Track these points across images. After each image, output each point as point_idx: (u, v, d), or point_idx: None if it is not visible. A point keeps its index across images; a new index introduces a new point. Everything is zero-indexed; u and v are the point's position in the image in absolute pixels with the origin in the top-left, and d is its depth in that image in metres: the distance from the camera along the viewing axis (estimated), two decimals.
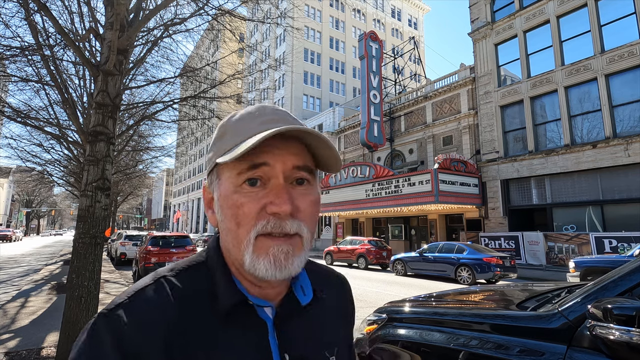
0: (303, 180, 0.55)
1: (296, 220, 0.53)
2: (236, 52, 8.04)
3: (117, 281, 10.63)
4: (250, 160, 0.52)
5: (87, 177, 3.79)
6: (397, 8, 50.55)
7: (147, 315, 0.50)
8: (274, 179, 0.53)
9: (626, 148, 13.96)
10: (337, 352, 0.62)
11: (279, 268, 0.51)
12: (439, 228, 20.89)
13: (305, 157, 0.55)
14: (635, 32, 14.30)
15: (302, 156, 0.55)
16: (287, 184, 0.54)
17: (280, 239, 0.52)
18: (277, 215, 0.52)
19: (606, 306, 1.38)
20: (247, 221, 0.52)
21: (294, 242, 0.53)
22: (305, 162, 0.55)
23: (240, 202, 0.52)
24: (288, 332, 0.57)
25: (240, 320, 0.54)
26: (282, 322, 0.57)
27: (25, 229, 69.59)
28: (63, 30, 4.12)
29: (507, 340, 1.76)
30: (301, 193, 0.55)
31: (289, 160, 0.53)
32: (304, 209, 0.54)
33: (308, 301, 0.60)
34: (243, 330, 0.54)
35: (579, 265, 9.04)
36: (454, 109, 20.93)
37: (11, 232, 40.34)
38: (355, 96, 41.09)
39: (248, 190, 0.53)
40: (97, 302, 3.84)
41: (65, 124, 9.82)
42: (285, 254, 0.52)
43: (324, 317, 0.64)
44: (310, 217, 0.55)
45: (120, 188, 26.14)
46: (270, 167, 0.53)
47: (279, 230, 0.52)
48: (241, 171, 0.53)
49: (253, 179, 0.53)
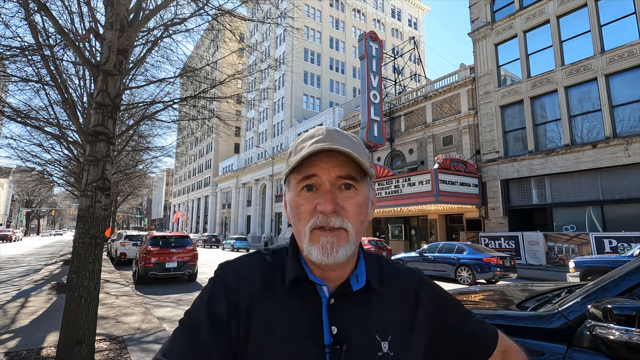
0: (350, 186, 0.69)
1: (339, 217, 0.67)
2: (236, 52, 8.04)
3: (117, 281, 10.63)
4: (305, 172, 0.68)
5: (87, 177, 3.79)
6: (397, 8, 50.54)
7: (244, 272, 0.71)
8: (323, 185, 0.68)
9: (626, 148, 13.97)
10: (391, 340, 0.70)
11: (326, 254, 0.65)
12: (439, 228, 20.89)
13: (349, 168, 0.68)
14: (635, 32, 14.30)
15: (346, 167, 0.68)
16: (335, 189, 0.68)
17: (328, 232, 0.66)
18: (323, 213, 0.66)
19: (606, 306, 1.38)
20: (304, 217, 0.68)
21: (339, 234, 0.66)
22: (348, 172, 0.68)
23: (299, 203, 0.69)
24: (339, 310, 0.69)
25: (301, 292, 0.69)
26: (336, 301, 0.69)
27: (25, 229, 69.58)
28: (63, 30, 4.12)
29: None
30: (346, 196, 0.68)
31: (333, 172, 0.68)
32: (348, 209, 0.68)
33: (359, 287, 0.71)
34: (302, 300, 0.69)
35: (579, 265, 9.04)
36: (454, 109, 20.93)
37: (11, 232, 40.32)
38: (355, 96, 41.09)
39: (305, 194, 0.69)
40: (97, 302, 3.83)
41: (65, 124, 9.82)
42: (331, 243, 0.66)
43: (380, 306, 0.73)
44: (354, 216, 0.68)
45: (120, 188, 26.14)
46: (318, 177, 0.68)
47: (326, 224, 0.66)
48: (299, 181, 0.69)
49: (309, 186, 0.69)
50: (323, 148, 0.66)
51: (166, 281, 11.25)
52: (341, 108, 32.66)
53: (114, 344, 4.77)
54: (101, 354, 4.37)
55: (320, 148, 0.66)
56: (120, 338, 5.05)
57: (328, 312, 0.68)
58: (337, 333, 0.66)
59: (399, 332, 0.72)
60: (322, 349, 0.65)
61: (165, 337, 5.18)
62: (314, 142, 0.69)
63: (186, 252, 11.16)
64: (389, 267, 0.80)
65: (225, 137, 39.20)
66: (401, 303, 0.75)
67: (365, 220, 0.72)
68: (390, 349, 0.69)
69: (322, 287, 0.70)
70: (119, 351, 4.51)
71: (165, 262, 10.68)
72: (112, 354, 4.39)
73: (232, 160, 50.95)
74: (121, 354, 4.42)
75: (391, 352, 0.69)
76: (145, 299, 8.43)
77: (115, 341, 4.91)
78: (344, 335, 0.67)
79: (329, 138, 0.70)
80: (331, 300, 0.69)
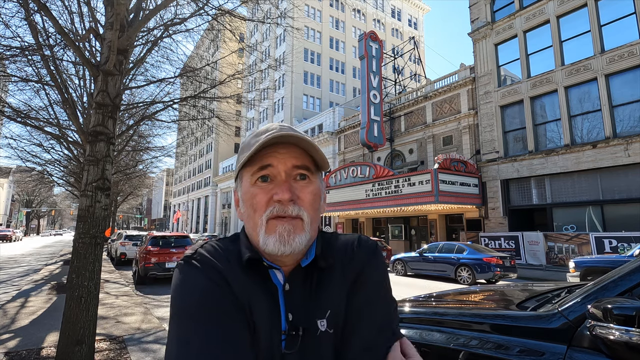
0: (304, 176, 0.71)
1: (296, 205, 0.68)
2: (236, 52, 8.04)
3: (117, 281, 10.63)
4: (260, 163, 0.69)
5: (87, 177, 3.79)
6: (397, 8, 50.53)
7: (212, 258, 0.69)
8: (278, 175, 0.69)
9: (626, 148, 13.96)
10: (330, 315, 0.69)
11: (284, 243, 0.66)
12: (439, 228, 20.88)
13: (303, 159, 0.70)
14: (635, 32, 14.30)
15: (301, 158, 0.70)
16: (290, 179, 0.70)
17: (284, 220, 0.67)
18: (280, 202, 0.67)
19: (606, 306, 1.38)
20: (260, 207, 0.68)
21: (295, 223, 0.67)
22: (304, 162, 0.70)
23: (254, 193, 0.69)
24: (292, 296, 0.69)
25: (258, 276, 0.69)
26: (290, 286, 0.70)
27: (25, 229, 69.56)
28: (63, 30, 4.12)
29: (507, 340, 1.75)
30: (301, 185, 0.70)
31: (289, 161, 0.69)
32: (303, 197, 0.69)
33: (307, 263, 0.71)
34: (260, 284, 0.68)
35: (579, 265, 9.04)
36: (454, 109, 20.93)
37: (11, 232, 40.30)
38: (355, 96, 41.08)
39: (260, 184, 0.70)
40: (97, 302, 3.83)
41: (65, 124, 9.82)
42: (288, 231, 0.66)
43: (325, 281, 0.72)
44: (310, 204, 0.70)
45: (120, 188, 26.14)
46: (274, 167, 0.69)
47: (283, 213, 0.67)
48: (254, 172, 0.70)
49: (264, 176, 0.69)
50: (280, 135, 0.67)
51: (166, 281, 11.25)
52: (341, 108, 32.65)
53: (114, 344, 4.77)
54: (101, 354, 4.37)
55: (277, 135, 0.67)
56: (120, 338, 5.05)
57: (284, 298, 0.68)
58: (292, 320, 0.67)
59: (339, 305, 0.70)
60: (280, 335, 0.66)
61: (165, 337, 5.18)
62: (268, 134, 0.69)
63: None
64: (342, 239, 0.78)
65: (225, 137, 39.19)
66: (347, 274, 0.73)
67: (320, 211, 0.73)
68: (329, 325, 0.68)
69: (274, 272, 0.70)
70: (119, 351, 4.51)
71: (165, 262, 10.68)
72: (112, 354, 4.39)
73: (232, 160, 50.94)
74: (121, 354, 4.41)
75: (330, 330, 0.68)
76: (145, 299, 8.42)
77: (115, 341, 4.91)
78: (297, 320, 0.67)
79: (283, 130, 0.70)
80: (286, 286, 0.69)
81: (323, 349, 0.67)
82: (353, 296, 0.71)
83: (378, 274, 0.74)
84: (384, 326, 0.70)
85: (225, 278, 0.66)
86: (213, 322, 0.62)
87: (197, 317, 0.62)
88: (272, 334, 0.65)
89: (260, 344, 0.64)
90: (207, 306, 0.63)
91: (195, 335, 0.60)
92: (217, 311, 0.63)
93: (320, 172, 0.74)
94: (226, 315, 0.62)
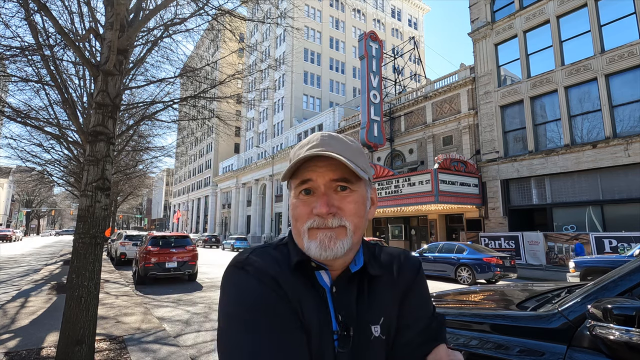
0: (345, 187, 0.72)
1: (337, 217, 0.70)
2: (236, 52, 8.04)
3: (117, 281, 10.63)
4: (301, 177, 0.72)
5: (87, 177, 3.79)
6: (397, 8, 50.53)
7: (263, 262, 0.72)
8: (318, 189, 0.72)
9: (626, 148, 13.96)
10: (383, 322, 0.74)
11: (324, 248, 0.68)
12: (439, 228, 20.88)
13: (342, 171, 0.72)
14: (635, 32, 14.30)
15: (339, 170, 0.71)
16: (330, 191, 0.72)
17: (325, 229, 0.69)
18: (319, 215, 0.69)
19: (606, 306, 1.38)
20: (302, 219, 0.71)
21: (337, 230, 0.70)
22: (342, 175, 0.72)
23: (297, 205, 0.73)
24: (341, 297, 0.72)
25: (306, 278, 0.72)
26: (337, 288, 0.73)
27: (25, 229, 69.56)
28: (63, 30, 4.12)
29: (507, 340, 1.76)
30: (342, 197, 0.72)
31: (327, 176, 0.71)
32: (344, 207, 0.71)
33: (357, 269, 0.75)
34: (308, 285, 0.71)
35: (579, 265, 9.05)
36: (454, 109, 20.93)
37: (11, 232, 40.29)
38: (355, 96, 41.08)
39: (302, 197, 0.73)
40: (97, 302, 3.83)
41: (65, 124, 9.82)
42: (329, 238, 0.69)
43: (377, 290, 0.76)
44: (352, 213, 0.71)
45: (120, 188, 26.13)
46: (313, 182, 0.72)
47: (323, 226, 0.69)
48: (297, 185, 0.73)
49: (306, 190, 0.72)
50: (315, 154, 0.70)
51: (166, 281, 11.25)
52: (341, 108, 32.65)
53: (114, 344, 4.77)
54: (101, 354, 4.37)
55: (312, 154, 0.70)
56: (120, 338, 5.05)
57: (332, 299, 0.72)
58: (342, 320, 0.70)
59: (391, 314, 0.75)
60: (332, 335, 0.69)
61: (165, 337, 5.18)
62: (309, 148, 0.72)
63: (186, 252, 11.16)
64: (387, 251, 0.84)
65: (225, 137, 39.18)
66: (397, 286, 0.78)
67: (365, 217, 0.75)
68: (382, 332, 0.73)
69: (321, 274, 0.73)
70: (119, 351, 4.51)
71: (165, 262, 10.67)
72: (112, 354, 4.39)
73: (232, 160, 50.94)
74: (121, 354, 4.41)
75: (383, 336, 0.73)
76: (145, 299, 8.42)
77: (115, 341, 4.91)
78: (347, 321, 0.70)
79: (323, 143, 0.73)
80: (333, 288, 0.73)
81: (376, 354, 0.72)
82: (404, 307, 0.78)
83: (425, 287, 0.83)
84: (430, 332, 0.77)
85: (277, 282, 0.69)
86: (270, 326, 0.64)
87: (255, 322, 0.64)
88: (322, 333, 0.68)
89: (311, 343, 0.66)
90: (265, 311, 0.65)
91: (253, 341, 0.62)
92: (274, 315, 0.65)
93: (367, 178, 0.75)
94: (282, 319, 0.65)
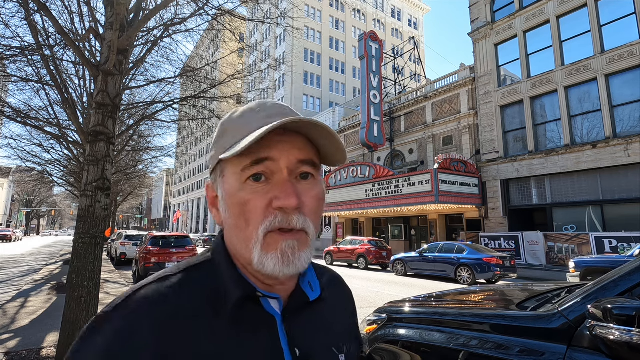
0: (307, 175, 0.55)
1: (302, 215, 0.52)
2: (236, 52, 8.04)
3: (117, 281, 10.63)
4: (255, 155, 0.51)
5: (87, 177, 3.79)
6: (397, 8, 50.54)
7: (138, 321, 0.47)
8: (279, 173, 0.52)
9: (626, 148, 13.96)
10: (346, 349, 0.62)
11: (287, 263, 0.51)
12: (439, 228, 20.88)
13: (309, 151, 0.55)
14: (635, 32, 14.30)
15: (307, 150, 0.54)
16: (292, 178, 0.53)
17: (288, 234, 0.51)
18: (283, 210, 0.51)
19: (606, 306, 1.38)
20: (255, 218, 0.51)
21: (300, 237, 0.52)
22: (309, 156, 0.55)
23: (246, 198, 0.52)
24: (297, 327, 0.56)
25: (248, 314, 0.53)
26: (291, 316, 0.56)
27: (25, 229, 69.57)
28: (63, 30, 4.12)
29: (507, 340, 1.76)
30: (306, 188, 0.54)
31: (292, 155, 0.53)
32: (308, 204, 0.54)
33: (316, 297, 0.60)
34: (252, 325, 0.52)
35: (579, 265, 9.04)
36: (454, 109, 20.93)
37: (11, 232, 40.31)
38: (355, 96, 41.07)
39: (253, 186, 0.52)
40: (97, 302, 3.83)
41: (65, 124, 9.82)
42: (292, 249, 0.51)
43: (330, 314, 0.63)
44: (315, 213, 0.55)
45: (120, 188, 26.13)
46: (274, 162, 0.52)
47: (287, 225, 0.51)
48: (245, 167, 0.52)
49: (257, 174, 0.52)
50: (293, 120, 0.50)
51: None
52: (341, 108, 32.65)
53: None
54: None
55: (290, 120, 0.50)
56: None
57: (286, 332, 0.55)
58: (300, 355, 0.54)
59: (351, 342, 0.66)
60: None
61: None
62: (268, 117, 0.54)
63: (186, 252, 11.16)
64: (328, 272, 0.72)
65: None
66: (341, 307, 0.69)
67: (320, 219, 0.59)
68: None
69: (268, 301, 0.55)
70: None
71: (165, 262, 10.67)
72: None
73: None
74: None
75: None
76: None
77: None
78: (307, 355, 0.55)
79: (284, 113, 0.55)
80: (286, 316, 0.56)
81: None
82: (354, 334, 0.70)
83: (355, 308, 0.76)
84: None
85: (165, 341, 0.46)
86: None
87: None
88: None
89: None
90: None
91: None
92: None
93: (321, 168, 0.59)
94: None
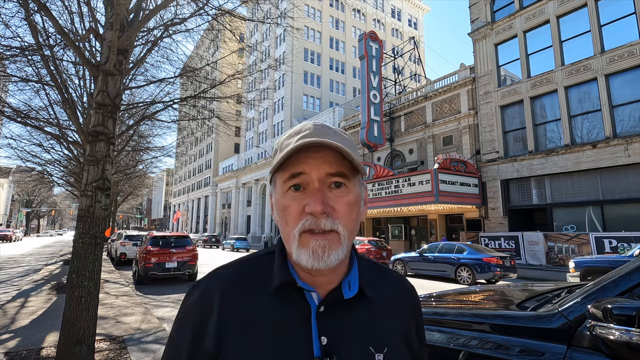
0: (340, 184, 0.64)
1: (330, 218, 0.62)
2: (236, 52, 8.04)
3: (117, 281, 10.63)
4: (291, 170, 0.64)
5: (87, 177, 3.79)
6: (397, 8, 50.53)
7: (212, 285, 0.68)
8: (311, 184, 0.63)
9: (626, 148, 13.96)
10: (387, 352, 0.66)
11: (317, 259, 0.61)
12: (439, 228, 20.88)
13: (339, 164, 0.64)
14: (635, 32, 14.30)
15: (336, 164, 0.64)
16: (324, 187, 0.63)
17: (318, 235, 0.62)
18: (312, 215, 0.61)
19: (606, 306, 1.38)
20: (292, 220, 0.63)
21: (330, 237, 0.62)
22: (338, 169, 0.64)
23: (287, 204, 0.64)
24: (330, 320, 0.64)
25: (288, 299, 0.65)
26: (326, 310, 0.65)
27: (25, 229, 69.55)
28: (63, 30, 4.12)
29: (507, 340, 1.75)
30: (337, 195, 0.64)
31: (322, 169, 0.63)
32: (338, 209, 0.63)
33: (351, 296, 0.67)
34: (288, 307, 0.64)
35: (579, 265, 9.04)
36: (454, 109, 20.93)
37: (11, 232, 40.31)
38: (355, 96, 41.08)
39: (292, 194, 0.64)
40: (97, 302, 3.83)
41: (65, 124, 9.82)
42: (322, 247, 0.61)
43: (374, 313, 0.69)
44: (345, 216, 0.64)
45: (120, 188, 26.13)
46: (306, 175, 0.63)
47: (316, 227, 0.61)
48: (286, 179, 0.64)
49: (296, 185, 0.64)
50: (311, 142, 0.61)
51: (166, 281, 11.25)
52: (341, 108, 32.64)
53: (114, 344, 4.77)
54: (101, 354, 4.37)
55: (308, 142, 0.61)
56: (120, 338, 5.05)
57: (317, 321, 0.64)
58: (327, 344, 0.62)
59: (394, 344, 0.68)
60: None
61: (165, 337, 5.18)
62: (301, 137, 0.64)
63: (186, 252, 11.16)
64: (385, 274, 0.77)
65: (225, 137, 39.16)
66: (397, 314, 0.72)
67: (358, 220, 0.68)
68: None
69: (310, 293, 0.66)
70: (119, 351, 4.51)
71: (165, 262, 10.67)
72: (112, 354, 4.39)
73: (232, 160, 50.95)
74: (121, 354, 4.41)
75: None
76: (145, 299, 8.42)
77: (115, 341, 4.91)
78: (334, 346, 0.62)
79: (317, 132, 0.65)
80: (320, 308, 0.65)
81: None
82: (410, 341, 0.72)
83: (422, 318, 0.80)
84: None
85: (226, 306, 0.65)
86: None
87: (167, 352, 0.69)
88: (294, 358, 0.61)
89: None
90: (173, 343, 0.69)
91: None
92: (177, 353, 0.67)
93: (360, 176, 0.68)
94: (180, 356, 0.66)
